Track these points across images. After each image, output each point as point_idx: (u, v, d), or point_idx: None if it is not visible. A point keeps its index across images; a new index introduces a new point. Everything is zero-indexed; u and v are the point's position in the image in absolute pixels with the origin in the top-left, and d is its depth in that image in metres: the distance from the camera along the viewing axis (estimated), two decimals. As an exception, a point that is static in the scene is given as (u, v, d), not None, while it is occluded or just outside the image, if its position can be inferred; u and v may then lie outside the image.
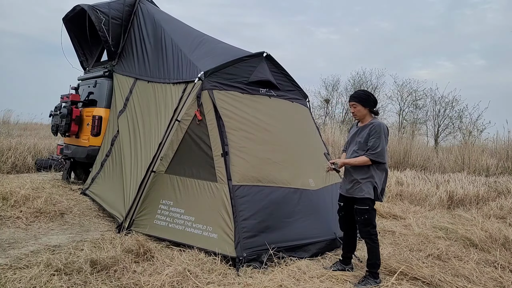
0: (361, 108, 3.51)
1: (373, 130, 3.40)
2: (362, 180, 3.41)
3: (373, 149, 3.34)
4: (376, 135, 3.36)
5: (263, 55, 5.01)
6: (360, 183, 3.41)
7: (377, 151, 3.33)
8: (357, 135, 3.54)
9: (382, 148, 3.34)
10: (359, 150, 3.44)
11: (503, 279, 3.58)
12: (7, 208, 4.81)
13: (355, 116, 3.59)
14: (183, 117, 4.41)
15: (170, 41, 5.59)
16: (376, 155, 3.33)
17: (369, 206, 3.39)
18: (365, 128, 3.48)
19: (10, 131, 14.63)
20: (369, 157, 3.35)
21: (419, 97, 22.58)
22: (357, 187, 3.42)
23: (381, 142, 3.34)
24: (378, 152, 3.33)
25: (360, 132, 3.52)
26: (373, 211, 3.44)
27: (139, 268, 3.31)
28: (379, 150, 3.33)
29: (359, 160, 3.39)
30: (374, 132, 3.38)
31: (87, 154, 6.55)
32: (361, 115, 3.54)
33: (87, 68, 8.07)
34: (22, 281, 2.89)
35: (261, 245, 3.72)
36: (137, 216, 4.30)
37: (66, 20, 7.64)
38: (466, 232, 4.91)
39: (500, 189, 7.95)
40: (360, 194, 3.39)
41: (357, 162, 3.41)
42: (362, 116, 3.54)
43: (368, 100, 3.51)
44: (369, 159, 3.35)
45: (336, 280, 3.40)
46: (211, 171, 4.14)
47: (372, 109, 3.53)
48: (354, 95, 3.57)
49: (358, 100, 3.51)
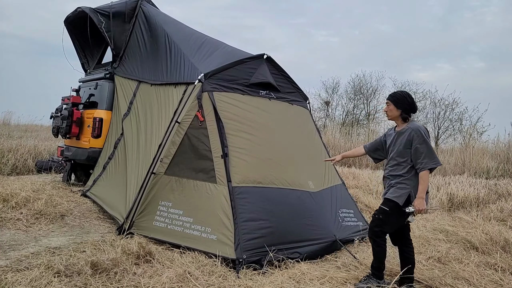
0: (393, 108, 3.34)
1: (414, 136, 3.19)
2: (398, 184, 3.25)
3: (423, 158, 3.14)
4: (419, 141, 3.17)
5: (263, 57, 5.02)
6: (395, 186, 3.26)
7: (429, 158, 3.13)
8: (394, 141, 3.37)
9: (431, 152, 3.15)
10: (398, 158, 3.27)
11: (503, 282, 3.58)
12: (7, 210, 4.81)
13: (386, 116, 3.47)
14: (183, 119, 4.42)
15: (171, 43, 5.61)
16: (431, 163, 3.13)
17: (390, 209, 3.21)
18: (402, 134, 3.29)
19: (10, 132, 14.66)
20: (427, 168, 3.14)
21: (418, 99, 22.59)
22: (392, 189, 3.27)
23: (428, 146, 3.16)
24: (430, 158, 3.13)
25: (397, 138, 3.34)
26: (392, 217, 3.22)
27: (140, 270, 3.31)
28: (431, 155, 3.13)
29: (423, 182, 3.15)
30: (416, 137, 3.18)
31: (87, 156, 6.56)
32: (392, 116, 3.38)
33: (88, 70, 8.08)
34: (23, 283, 2.89)
35: (261, 247, 3.72)
36: (137, 218, 4.30)
37: (67, 22, 7.66)
38: (466, 235, 4.91)
39: (501, 192, 7.95)
40: (388, 195, 3.26)
41: (423, 185, 3.15)
42: (392, 117, 3.38)
43: (403, 101, 3.31)
44: (427, 170, 3.14)
45: (337, 282, 3.39)
46: (210, 172, 4.15)
47: (405, 114, 3.32)
48: (391, 94, 3.41)
49: (393, 99, 3.35)
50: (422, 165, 3.15)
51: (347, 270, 3.72)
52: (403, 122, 3.36)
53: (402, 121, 3.36)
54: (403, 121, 3.36)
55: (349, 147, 13.46)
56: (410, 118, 3.36)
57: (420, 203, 3.13)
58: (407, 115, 3.34)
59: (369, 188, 7.83)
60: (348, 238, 4.58)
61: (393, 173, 3.31)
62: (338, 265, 3.88)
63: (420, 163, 3.16)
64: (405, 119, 3.35)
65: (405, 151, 3.24)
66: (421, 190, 3.15)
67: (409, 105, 3.32)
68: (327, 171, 5.10)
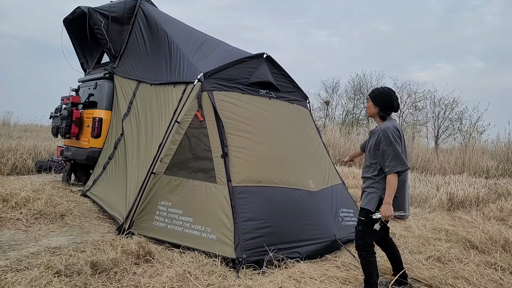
0: (371, 104, 3.16)
1: (381, 137, 3.01)
2: (368, 189, 3.11)
3: (389, 162, 2.94)
4: (386, 143, 2.97)
5: (263, 56, 5.02)
6: (365, 192, 3.13)
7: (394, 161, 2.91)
8: (368, 141, 3.22)
9: (397, 155, 2.93)
10: (370, 159, 3.13)
11: (503, 281, 3.58)
12: (7, 210, 4.81)
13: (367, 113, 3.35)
14: (183, 119, 4.42)
15: (171, 43, 5.60)
16: (397, 167, 2.90)
17: (365, 218, 3.05)
18: (374, 134, 3.12)
19: (10, 132, 14.65)
20: (393, 172, 2.92)
21: (418, 99, 22.63)
22: (363, 196, 3.14)
23: (394, 149, 2.93)
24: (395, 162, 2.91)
25: (370, 137, 3.19)
26: (369, 226, 3.04)
27: (140, 270, 3.31)
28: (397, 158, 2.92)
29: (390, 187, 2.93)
30: (383, 139, 2.99)
31: (87, 156, 6.56)
32: (370, 112, 3.21)
33: (88, 70, 8.08)
34: (22, 283, 2.89)
35: (261, 246, 3.72)
36: (136, 218, 4.29)
37: (66, 22, 7.65)
38: (466, 234, 4.90)
39: (500, 191, 7.95)
40: (362, 204, 3.12)
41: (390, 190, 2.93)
42: (371, 114, 3.21)
43: (381, 98, 3.10)
44: (395, 174, 2.92)
45: (337, 281, 3.39)
46: (210, 172, 4.14)
47: (382, 112, 3.12)
48: (373, 89, 3.22)
49: (372, 95, 3.17)
50: (389, 168, 2.94)
51: (346, 269, 3.72)
52: (380, 121, 3.16)
53: (379, 120, 3.17)
54: (381, 119, 3.16)
55: (349, 146, 13.46)
56: (388, 117, 3.17)
57: (386, 209, 2.92)
58: (385, 113, 3.13)
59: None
60: (348, 237, 4.57)
61: (365, 175, 3.18)
62: (337, 264, 3.88)
63: (387, 166, 2.96)
64: (382, 117, 3.14)
65: (375, 153, 3.06)
66: (387, 195, 2.94)
67: (387, 103, 3.09)
68: (327, 171, 5.10)
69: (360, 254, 3.13)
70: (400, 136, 3.05)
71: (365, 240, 3.09)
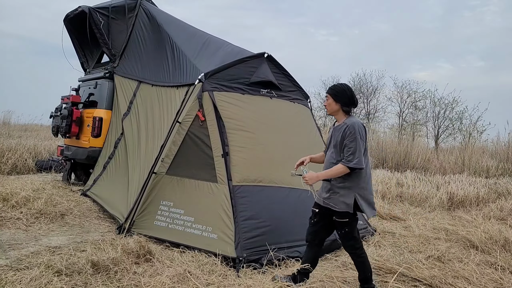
0: (331, 101, 3.12)
1: (347, 132, 2.98)
2: (340, 190, 3.00)
3: (348, 154, 2.93)
4: (350, 137, 2.95)
5: (264, 55, 5.02)
6: (337, 193, 3.01)
7: (353, 156, 2.91)
8: (332, 137, 3.17)
9: (359, 151, 2.92)
10: (336, 155, 3.06)
11: (503, 281, 3.58)
12: (7, 209, 4.81)
13: (326, 110, 3.29)
14: (184, 119, 4.43)
15: (173, 45, 5.59)
16: (353, 161, 2.91)
17: (349, 219, 3.02)
18: (339, 129, 3.08)
19: (10, 132, 14.65)
20: (345, 165, 2.92)
21: (418, 99, 22.61)
22: (334, 197, 3.02)
23: (357, 145, 2.93)
24: (354, 157, 2.91)
25: (334, 133, 3.14)
26: (354, 222, 3.08)
27: (140, 269, 3.31)
28: (355, 154, 2.91)
29: (334, 172, 2.96)
30: (348, 133, 2.97)
31: (87, 155, 6.55)
32: (331, 110, 3.16)
33: (88, 69, 8.08)
34: (23, 282, 2.89)
35: (261, 245, 3.72)
36: (137, 217, 4.30)
37: (66, 21, 7.65)
38: (466, 234, 4.90)
39: (500, 191, 7.94)
40: (338, 208, 2.99)
41: (332, 174, 2.97)
42: (331, 111, 3.17)
43: (342, 94, 3.09)
44: (347, 167, 2.92)
45: (336, 281, 3.39)
46: (211, 172, 4.15)
47: (345, 107, 3.11)
48: (330, 86, 3.20)
49: (332, 92, 3.13)
50: (345, 160, 2.94)
51: (346, 269, 3.72)
52: (343, 116, 3.14)
53: (343, 115, 3.14)
54: (345, 114, 3.14)
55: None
56: (351, 113, 3.17)
57: (311, 178, 3.01)
58: (348, 108, 3.13)
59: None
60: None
61: None
62: (338, 264, 3.88)
63: (345, 158, 2.95)
64: (347, 112, 3.14)
65: (340, 149, 3.04)
66: (324, 173, 3.01)
67: (348, 99, 3.10)
68: (327, 170, 5.09)
69: (355, 254, 3.11)
70: (365, 133, 3.06)
71: (354, 235, 3.08)
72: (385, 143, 12.45)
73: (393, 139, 13.67)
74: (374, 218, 6.14)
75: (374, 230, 5.17)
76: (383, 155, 11.90)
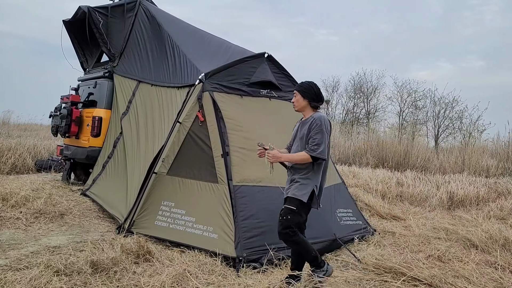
0: (299, 98, 3.22)
1: (313, 124, 3.09)
2: (301, 180, 3.11)
3: (313, 144, 3.03)
4: (316, 129, 3.06)
5: (264, 55, 5.01)
6: (297, 182, 3.11)
7: (318, 147, 3.01)
8: (298, 131, 3.25)
9: (324, 143, 3.03)
10: (300, 148, 3.15)
11: (503, 280, 3.58)
12: (7, 209, 4.81)
13: (294, 107, 3.32)
14: (185, 119, 4.42)
15: (173, 45, 5.58)
16: (317, 151, 3.01)
17: (296, 208, 3.08)
18: (306, 123, 3.17)
19: (10, 132, 14.64)
20: (309, 153, 3.01)
21: (418, 98, 22.62)
22: (294, 185, 3.13)
23: (323, 137, 3.03)
24: (319, 148, 3.01)
25: (301, 127, 3.22)
26: (298, 216, 3.11)
27: (139, 269, 3.31)
28: (320, 145, 3.02)
29: (296, 158, 3.08)
30: (314, 126, 3.07)
31: (87, 155, 6.55)
32: (299, 106, 3.25)
33: (87, 68, 8.07)
34: (22, 282, 2.88)
35: (261, 245, 3.72)
36: (137, 217, 4.29)
37: (66, 21, 7.64)
38: (466, 233, 4.90)
39: (500, 190, 7.94)
40: (292, 193, 3.10)
41: (295, 159, 3.09)
42: (299, 107, 3.25)
43: (309, 91, 3.20)
44: (310, 156, 3.02)
45: (337, 281, 3.38)
46: (212, 172, 4.15)
47: (313, 102, 3.21)
48: (298, 84, 3.30)
49: (299, 89, 3.24)
50: (309, 149, 3.03)
51: (347, 269, 3.72)
52: (311, 112, 3.23)
53: (311, 111, 3.23)
54: (312, 110, 3.24)
55: (349, 145, 13.45)
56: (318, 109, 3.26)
57: (274, 155, 3.13)
58: (316, 104, 3.23)
59: (369, 187, 7.82)
60: (348, 237, 4.57)
61: (296, 166, 3.17)
62: (338, 264, 3.88)
63: (309, 147, 3.04)
64: (315, 107, 3.24)
65: (307, 141, 3.12)
66: (286, 156, 3.14)
67: (315, 95, 3.21)
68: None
69: (292, 241, 3.10)
70: (330, 128, 3.16)
71: (293, 228, 3.09)
72: (385, 143, 12.45)
73: (393, 138, 13.66)
74: (374, 217, 6.14)
75: (374, 230, 5.17)
76: (383, 154, 11.90)
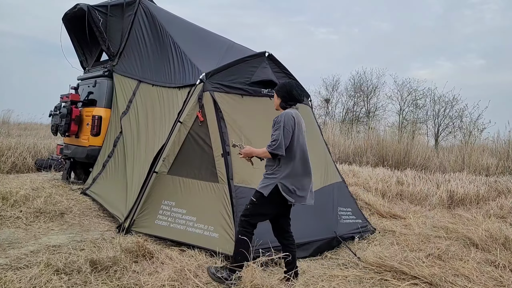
0: (275, 97, 3.33)
1: (274, 122, 3.17)
2: (268, 175, 3.19)
3: (271, 140, 3.10)
4: (276, 126, 3.13)
5: (265, 55, 5.00)
6: (265, 178, 3.21)
7: (275, 142, 3.06)
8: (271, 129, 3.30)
9: (279, 139, 3.06)
10: None
11: (503, 279, 3.58)
12: (7, 208, 4.81)
13: None
14: (185, 119, 4.42)
15: (174, 44, 5.56)
16: (273, 147, 3.06)
17: (257, 200, 3.15)
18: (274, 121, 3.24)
19: (10, 131, 14.64)
20: (267, 149, 3.10)
21: (419, 97, 22.60)
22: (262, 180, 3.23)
23: (280, 133, 3.07)
24: (275, 143, 3.06)
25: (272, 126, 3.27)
26: (258, 207, 3.15)
27: (139, 268, 3.31)
28: (277, 141, 3.06)
29: (258, 151, 3.19)
30: (275, 123, 3.16)
31: (86, 154, 6.54)
32: (276, 105, 3.35)
33: (87, 67, 8.06)
34: (22, 281, 2.89)
35: (261, 244, 3.71)
36: (138, 216, 4.29)
37: (65, 20, 7.63)
38: (466, 232, 4.90)
39: (501, 189, 7.94)
40: (257, 187, 3.19)
41: (258, 153, 3.20)
42: (276, 106, 3.35)
43: (282, 90, 3.28)
44: (268, 152, 3.10)
45: (337, 279, 3.39)
46: (212, 171, 4.15)
47: (285, 101, 3.27)
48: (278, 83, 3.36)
49: (276, 88, 3.35)
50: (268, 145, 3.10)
51: (347, 268, 3.72)
52: (282, 110, 3.28)
53: (282, 110, 3.29)
54: (285, 108, 3.29)
55: (349, 144, 13.45)
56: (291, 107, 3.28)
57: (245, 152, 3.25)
58: (286, 103, 3.27)
59: (369, 186, 7.82)
60: (348, 235, 4.57)
61: (268, 163, 3.25)
62: (338, 262, 3.88)
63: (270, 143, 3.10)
64: (283, 107, 3.28)
65: None
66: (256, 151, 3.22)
67: (287, 93, 3.25)
68: (327, 169, 5.09)
69: (240, 230, 3.17)
70: (294, 124, 3.15)
71: (249, 219, 3.16)
72: (385, 141, 12.44)
73: (393, 137, 13.65)
74: (374, 216, 6.14)
75: (374, 229, 5.17)
76: (383, 153, 11.89)
